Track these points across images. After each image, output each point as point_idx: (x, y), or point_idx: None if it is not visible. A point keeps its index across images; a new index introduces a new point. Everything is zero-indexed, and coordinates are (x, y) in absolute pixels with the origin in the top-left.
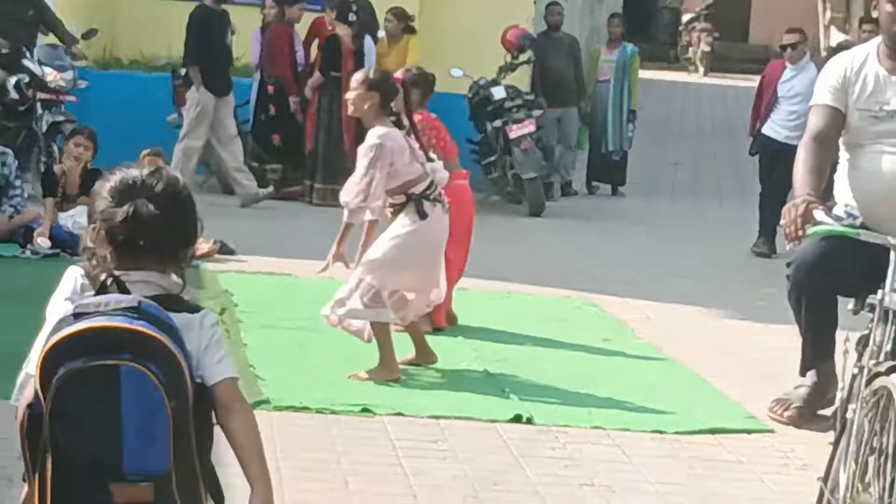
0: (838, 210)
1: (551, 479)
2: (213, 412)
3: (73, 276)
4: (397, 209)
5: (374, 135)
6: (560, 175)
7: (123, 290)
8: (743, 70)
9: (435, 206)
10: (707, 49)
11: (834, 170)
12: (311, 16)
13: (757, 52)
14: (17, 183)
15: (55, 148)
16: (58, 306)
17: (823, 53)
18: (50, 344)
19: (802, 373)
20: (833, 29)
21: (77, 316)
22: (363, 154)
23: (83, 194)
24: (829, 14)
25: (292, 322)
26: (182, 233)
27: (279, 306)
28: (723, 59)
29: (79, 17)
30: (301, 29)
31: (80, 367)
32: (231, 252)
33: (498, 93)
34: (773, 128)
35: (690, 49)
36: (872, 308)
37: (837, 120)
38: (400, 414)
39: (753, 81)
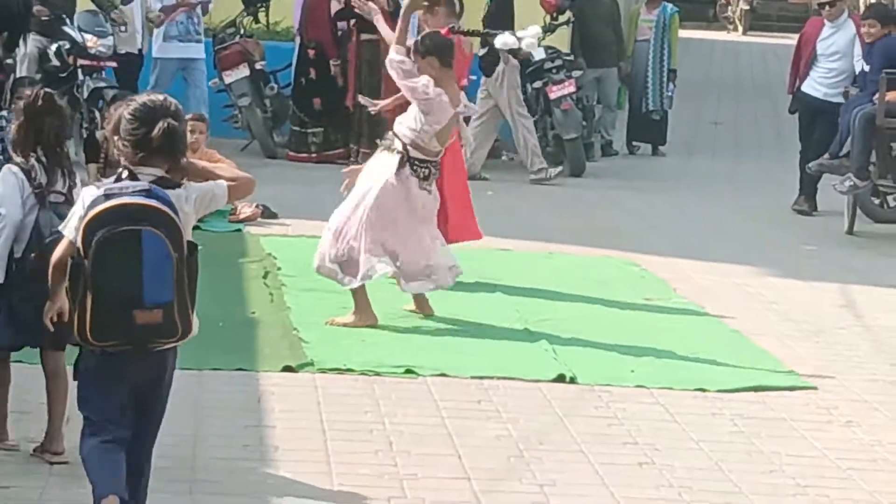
0: None
1: (595, 438)
2: (197, 259)
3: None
4: (388, 148)
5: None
6: (600, 135)
7: (133, 177)
8: (782, 28)
9: (424, 188)
10: (746, 7)
11: None
12: None
13: (796, 10)
14: None
15: (97, 114)
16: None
17: (862, 10)
18: (90, 215)
19: None
20: None
21: (107, 196)
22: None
23: None
24: None
25: (334, 285)
26: (185, 140)
27: None
28: (762, 17)
29: None
30: None
31: (114, 230)
32: (274, 216)
33: (538, 54)
34: (813, 85)
35: (729, 8)
36: None
37: None
38: (443, 375)
39: (792, 39)
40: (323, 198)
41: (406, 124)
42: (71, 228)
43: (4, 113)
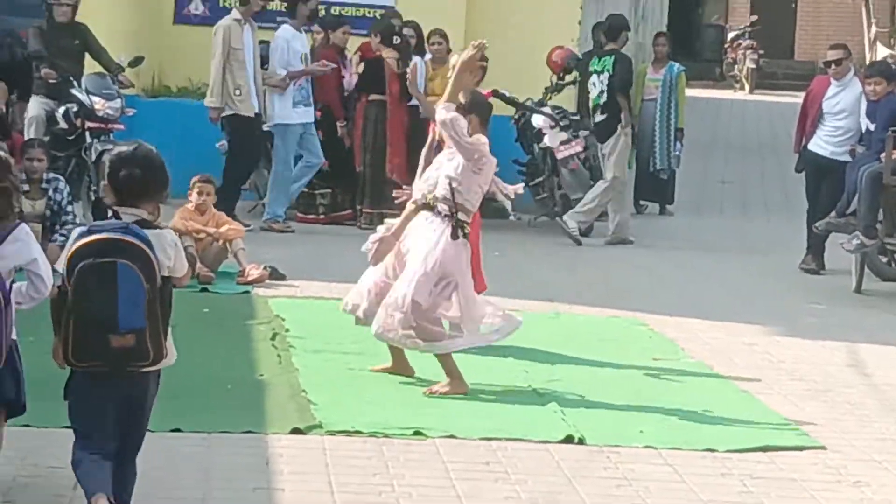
0: None
1: (604, 500)
2: (171, 292)
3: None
4: (438, 214)
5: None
6: None
7: (118, 217)
8: (788, 87)
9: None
10: (752, 66)
11: None
12: (358, 40)
13: (802, 69)
14: (69, 209)
15: None
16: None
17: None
18: (74, 247)
19: None
20: (878, 44)
21: (90, 231)
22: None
23: None
24: (874, 29)
25: (343, 346)
26: (157, 185)
27: (330, 331)
28: (768, 75)
29: (126, 45)
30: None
31: (94, 262)
32: (282, 277)
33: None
34: (819, 143)
35: (736, 66)
36: None
37: None
38: (452, 436)
39: (799, 98)
40: (330, 259)
41: (453, 186)
42: (60, 263)
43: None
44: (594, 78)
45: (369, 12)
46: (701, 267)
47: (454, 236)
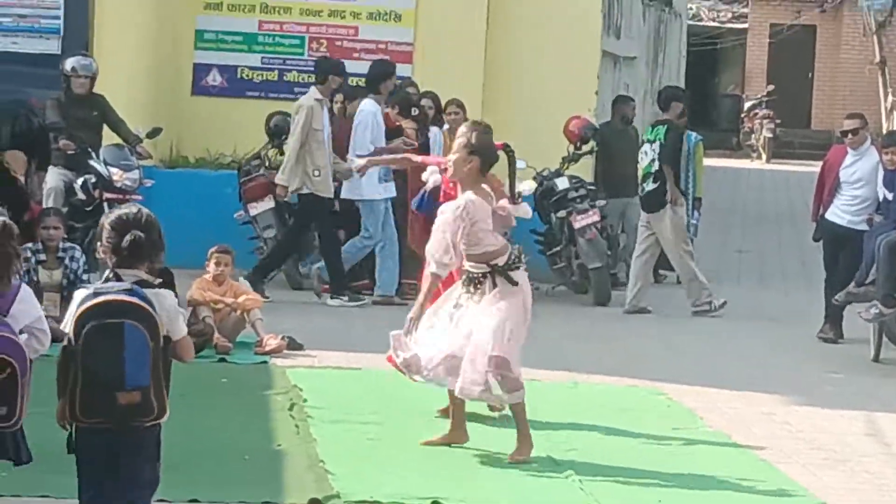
0: None
1: None
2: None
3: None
4: (479, 280)
5: (463, 197)
6: (626, 264)
7: (119, 278)
8: (805, 156)
9: (519, 272)
10: (769, 135)
11: None
12: None
13: (819, 138)
14: (85, 278)
15: None
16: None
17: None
18: (81, 310)
19: None
20: (895, 113)
21: (96, 294)
22: (449, 210)
23: None
24: (890, 98)
25: (361, 416)
26: (156, 248)
27: (348, 401)
28: (785, 145)
29: (144, 117)
30: None
31: (101, 322)
32: (299, 347)
33: (561, 183)
34: (836, 213)
35: (753, 136)
36: None
37: None
38: None
39: (816, 167)
40: (348, 329)
41: (470, 253)
42: (69, 326)
43: (30, 245)
44: (646, 147)
45: None
46: (719, 336)
47: (505, 284)
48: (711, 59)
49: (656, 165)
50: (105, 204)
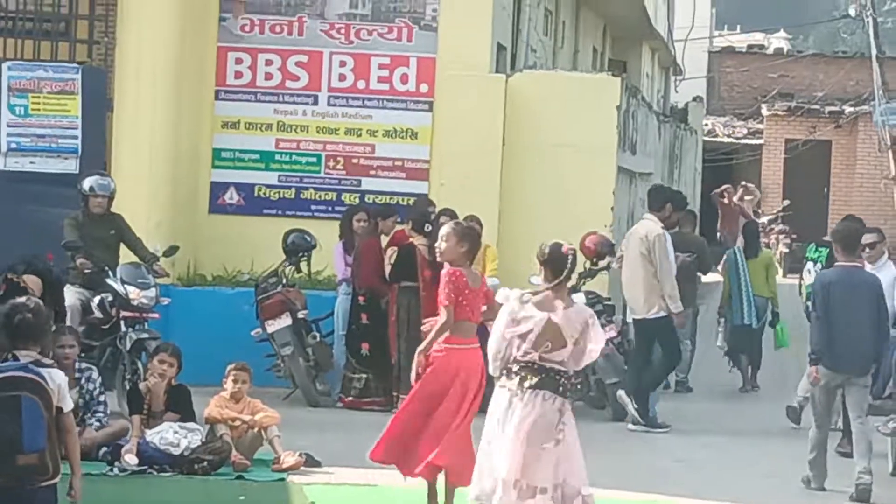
0: None
1: None
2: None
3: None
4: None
5: (500, 296)
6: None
7: (16, 359)
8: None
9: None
10: (786, 250)
11: None
12: None
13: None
14: (102, 398)
15: (139, 365)
16: None
17: None
18: None
19: None
20: None
21: None
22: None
23: (169, 410)
24: None
25: None
26: (44, 331)
27: None
28: (801, 259)
29: (161, 235)
30: None
31: (1, 395)
32: (317, 464)
33: (578, 299)
34: None
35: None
36: None
37: None
38: None
39: None
40: (365, 445)
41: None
42: None
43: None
44: (809, 265)
45: (402, 200)
46: (737, 452)
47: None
48: (727, 174)
49: None
50: (122, 323)
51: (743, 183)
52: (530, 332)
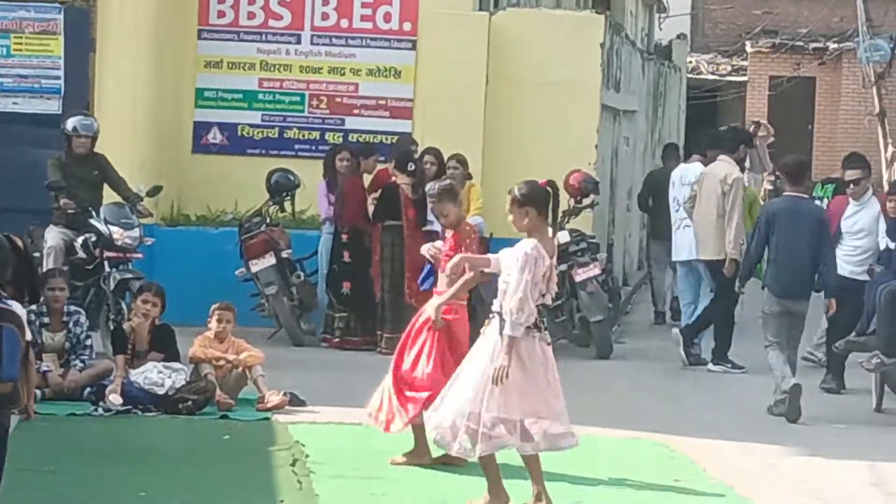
0: None
1: None
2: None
3: None
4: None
5: (527, 244)
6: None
7: None
8: None
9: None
10: (769, 187)
11: None
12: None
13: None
14: (88, 342)
15: (123, 305)
16: None
17: (886, 188)
18: None
19: None
20: (895, 164)
21: None
22: (519, 264)
23: (153, 350)
24: (890, 149)
25: (364, 471)
26: (7, 265)
27: (350, 456)
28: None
29: (145, 175)
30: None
31: None
32: (301, 403)
33: (563, 237)
34: (838, 263)
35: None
36: None
37: None
38: None
39: None
40: (350, 384)
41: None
42: None
43: (34, 307)
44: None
45: (386, 139)
46: (720, 387)
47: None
48: (711, 112)
49: None
50: (106, 263)
51: (756, 119)
52: (545, 275)
